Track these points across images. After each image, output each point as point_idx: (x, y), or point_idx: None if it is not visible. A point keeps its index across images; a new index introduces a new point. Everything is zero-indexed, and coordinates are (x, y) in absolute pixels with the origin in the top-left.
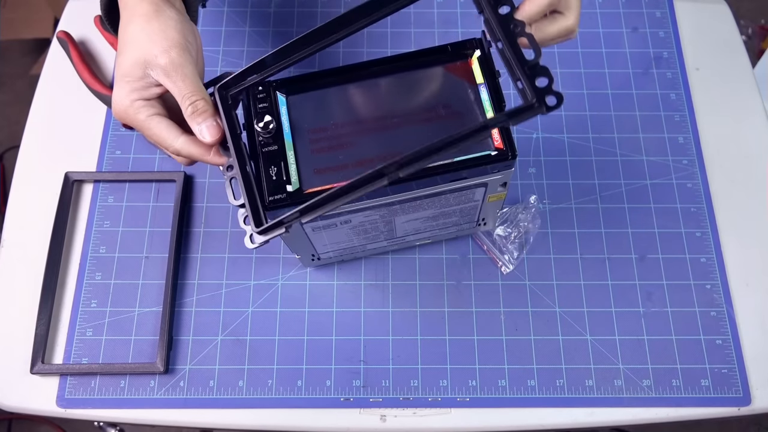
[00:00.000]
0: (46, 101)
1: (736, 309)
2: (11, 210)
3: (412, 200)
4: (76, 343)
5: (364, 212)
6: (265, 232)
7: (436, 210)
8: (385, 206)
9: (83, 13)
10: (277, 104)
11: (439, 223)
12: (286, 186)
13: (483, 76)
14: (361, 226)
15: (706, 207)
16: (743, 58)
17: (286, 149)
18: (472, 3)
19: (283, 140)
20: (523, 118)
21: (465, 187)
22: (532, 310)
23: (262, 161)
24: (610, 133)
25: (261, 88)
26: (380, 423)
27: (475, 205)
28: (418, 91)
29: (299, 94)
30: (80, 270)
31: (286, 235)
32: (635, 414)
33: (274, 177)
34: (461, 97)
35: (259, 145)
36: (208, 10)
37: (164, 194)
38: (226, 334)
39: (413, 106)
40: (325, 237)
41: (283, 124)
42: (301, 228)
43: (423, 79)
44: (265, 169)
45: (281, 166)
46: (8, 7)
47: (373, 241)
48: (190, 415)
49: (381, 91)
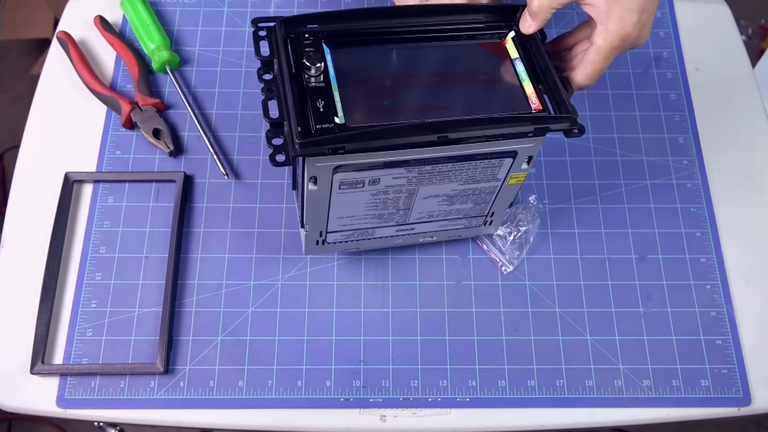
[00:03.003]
0: (46, 101)
1: (736, 309)
2: (11, 210)
3: (445, 161)
4: (76, 343)
5: (397, 169)
6: (307, 145)
7: (459, 185)
8: (418, 164)
9: (83, 13)
10: (323, 53)
11: (453, 209)
12: (333, 117)
13: (518, 53)
14: (384, 194)
15: (706, 207)
16: (743, 58)
17: (332, 89)
18: None
19: (330, 82)
20: (561, 128)
21: (495, 154)
22: (532, 310)
23: (310, 96)
24: (610, 133)
25: (309, 36)
26: (380, 423)
27: (494, 187)
28: (456, 59)
29: (344, 49)
30: (80, 270)
31: (312, 191)
32: (635, 414)
33: (322, 109)
34: (497, 68)
35: (306, 83)
36: (208, 10)
37: (164, 194)
38: (226, 334)
39: (451, 70)
40: (345, 204)
41: (330, 70)
42: (330, 181)
43: (459, 49)
44: (312, 102)
45: (328, 101)
46: (8, 7)
47: (384, 223)
48: (190, 415)
49: (420, 56)
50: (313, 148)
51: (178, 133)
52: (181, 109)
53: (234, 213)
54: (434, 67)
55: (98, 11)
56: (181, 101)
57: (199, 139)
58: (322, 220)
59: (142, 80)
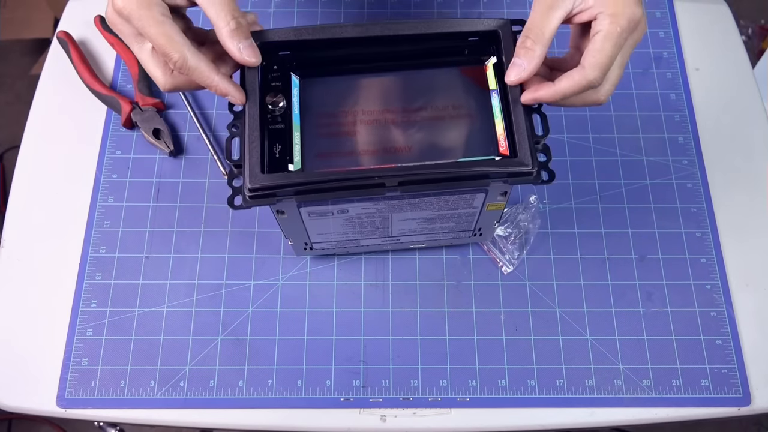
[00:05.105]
0: (46, 101)
1: (736, 309)
2: (11, 210)
3: (412, 197)
4: (76, 343)
5: (362, 203)
6: (257, 197)
7: (434, 212)
8: (383, 200)
9: (83, 13)
10: (290, 84)
11: (436, 227)
12: (288, 165)
13: (496, 83)
14: (358, 219)
15: (706, 207)
16: (743, 58)
17: (293, 129)
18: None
19: (291, 120)
20: (519, 182)
21: (465, 191)
22: (532, 310)
23: (267, 138)
24: (610, 133)
25: (276, 67)
26: (380, 423)
27: (473, 213)
28: (430, 89)
29: (313, 78)
30: (80, 270)
31: (283, 218)
32: (635, 414)
33: (278, 155)
34: (472, 101)
35: (266, 121)
36: None
37: (164, 194)
38: (226, 334)
39: (424, 102)
40: (319, 226)
41: (293, 105)
42: (297, 212)
43: (436, 77)
44: (269, 146)
45: (286, 145)
46: (8, 7)
47: (367, 236)
48: (190, 415)
49: (394, 85)
50: (262, 201)
51: (178, 133)
52: (181, 109)
53: (234, 213)
54: (409, 97)
55: (98, 11)
56: (181, 101)
57: (199, 139)
58: (302, 236)
59: (142, 80)
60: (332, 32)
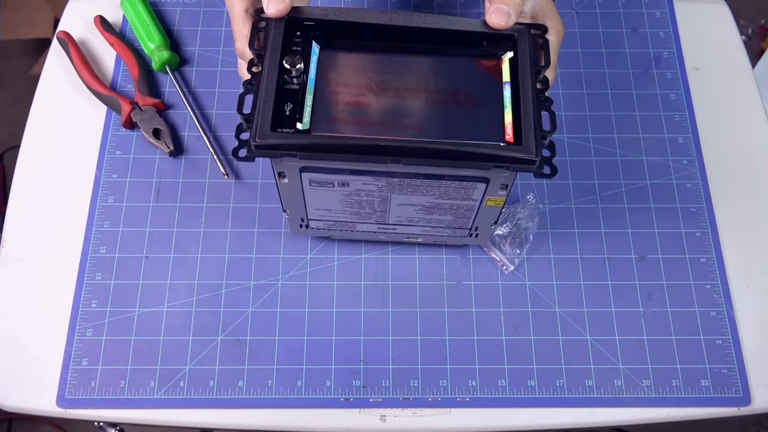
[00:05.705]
0: (46, 101)
1: (736, 309)
2: (11, 210)
3: (412, 176)
4: (76, 343)
5: (363, 177)
6: (262, 147)
7: (433, 199)
8: (385, 176)
9: (83, 13)
10: (310, 51)
11: (433, 218)
12: (296, 123)
13: (510, 76)
14: (357, 196)
15: (706, 207)
16: (743, 58)
17: (306, 92)
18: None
19: (306, 83)
20: (521, 169)
21: (466, 177)
22: (532, 310)
23: (280, 96)
24: (610, 133)
25: (299, 33)
26: (380, 423)
27: (472, 206)
28: (445, 75)
29: (333, 49)
30: (80, 270)
31: (284, 183)
32: (635, 414)
33: (288, 113)
34: (484, 90)
35: (283, 81)
36: (208, 10)
37: (164, 194)
38: (226, 334)
39: (437, 86)
40: (319, 199)
41: (311, 69)
42: (299, 177)
43: (452, 64)
44: (281, 104)
45: (297, 105)
46: (8, 7)
47: (364, 220)
48: (190, 415)
49: (410, 66)
50: (267, 152)
51: (178, 133)
52: (181, 109)
53: (234, 213)
54: (424, 79)
55: (98, 11)
56: (181, 101)
57: (199, 139)
58: (300, 209)
59: (142, 80)
60: (357, 15)
